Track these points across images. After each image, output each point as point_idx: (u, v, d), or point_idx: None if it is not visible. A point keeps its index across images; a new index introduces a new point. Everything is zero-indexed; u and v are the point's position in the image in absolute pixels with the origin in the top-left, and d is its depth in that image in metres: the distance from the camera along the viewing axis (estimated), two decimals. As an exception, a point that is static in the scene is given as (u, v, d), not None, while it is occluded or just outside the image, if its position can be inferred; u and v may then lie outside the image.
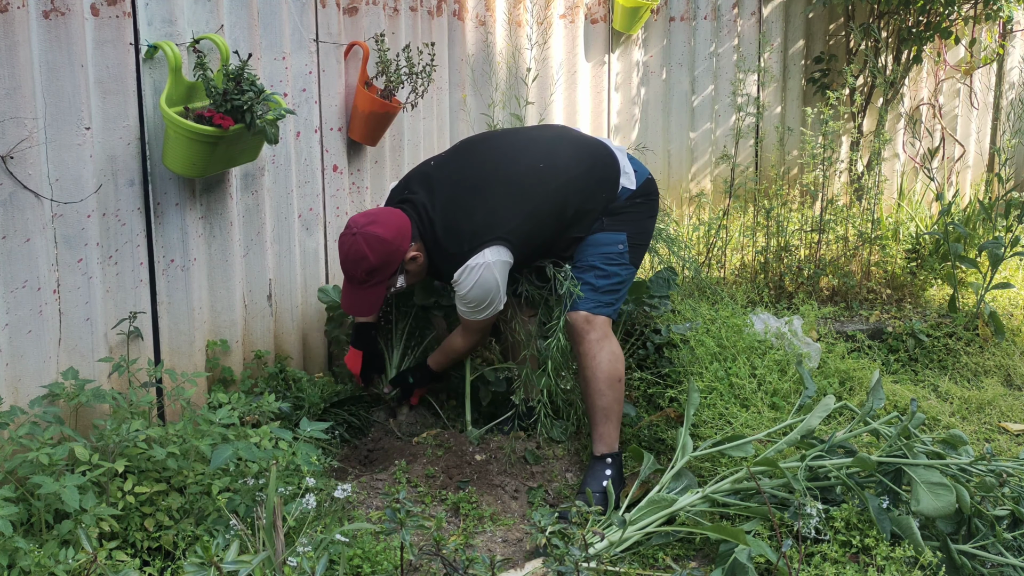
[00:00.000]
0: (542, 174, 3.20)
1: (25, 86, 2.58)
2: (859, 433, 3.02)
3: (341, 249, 3.15)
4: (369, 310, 3.21)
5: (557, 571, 2.33)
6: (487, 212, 3.14)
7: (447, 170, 3.29)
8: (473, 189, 3.19)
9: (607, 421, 3.23)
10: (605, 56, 5.59)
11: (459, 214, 3.16)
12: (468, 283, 3.13)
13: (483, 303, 3.19)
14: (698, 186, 5.96)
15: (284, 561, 2.11)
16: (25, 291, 2.66)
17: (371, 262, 3.09)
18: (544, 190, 3.18)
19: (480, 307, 3.21)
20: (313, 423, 2.84)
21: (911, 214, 5.60)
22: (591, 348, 3.22)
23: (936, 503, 2.63)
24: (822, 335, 4.30)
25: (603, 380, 3.21)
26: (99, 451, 2.58)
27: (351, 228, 3.13)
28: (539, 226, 3.19)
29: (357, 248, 3.09)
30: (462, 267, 3.12)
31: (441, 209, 3.18)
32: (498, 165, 3.25)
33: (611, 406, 3.22)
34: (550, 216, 3.20)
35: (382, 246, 3.09)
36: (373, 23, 3.91)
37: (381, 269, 3.12)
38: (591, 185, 3.26)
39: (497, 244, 3.11)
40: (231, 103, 2.93)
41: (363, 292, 3.17)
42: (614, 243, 3.28)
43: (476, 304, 3.20)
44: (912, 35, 5.68)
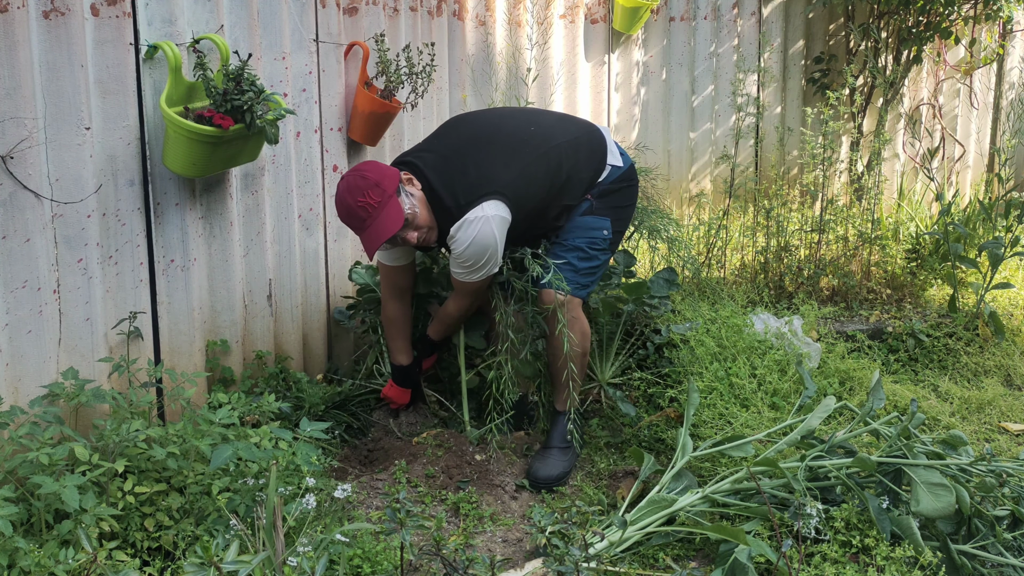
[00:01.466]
0: (532, 136, 3.28)
1: (25, 86, 2.58)
2: (859, 433, 3.02)
3: (339, 195, 3.08)
4: (393, 227, 3.05)
5: (557, 571, 2.33)
6: (481, 168, 3.15)
7: (434, 144, 3.30)
8: (464, 151, 3.20)
9: (572, 386, 3.41)
10: (605, 56, 5.59)
11: (453, 172, 3.15)
12: (466, 238, 3.10)
13: (479, 261, 3.15)
14: (698, 186, 5.95)
15: (284, 561, 2.11)
16: (25, 291, 2.66)
17: (370, 179, 3.03)
18: (535, 150, 3.23)
19: (476, 265, 3.17)
20: (313, 423, 2.84)
21: (911, 214, 5.60)
22: (563, 326, 3.33)
23: (936, 503, 2.63)
24: (822, 335, 4.30)
25: (575, 356, 3.36)
26: (99, 451, 2.58)
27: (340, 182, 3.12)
28: (532, 185, 3.19)
29: (351, 180, 3.06)
30: (460, 221, 3.09)
31: (434, 169, 3.16)
32: (487, 130, 3.31)
33: (577, 376, 3.40)
34: (543, 176, 3.21)
35: (372, 167, 3.08)
36: (373, 23, 3.91)
37: (381, 183, 3.03)
38: (581, 152, 3.32)
39: (494, 198, 3.10)
40: (231, 103, 2.93)
41: (379, 219, 3.04)
42: (600, 228, 3.36)
43: (472, 262, 3.15)
44: (912, 35, 5.68)
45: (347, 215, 3.08)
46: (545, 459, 3.35)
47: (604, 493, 3.27)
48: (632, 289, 3.84)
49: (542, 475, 3.29)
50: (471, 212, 3.08)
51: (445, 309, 3.48)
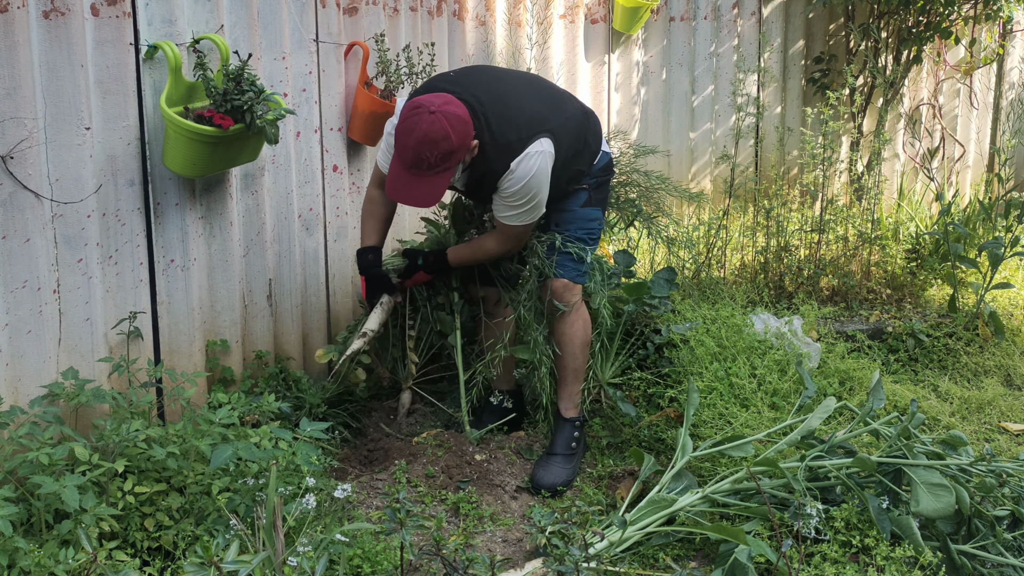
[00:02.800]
0: (564, 93, 3.34)
1: (25, 86, 2.58)
2: (859, 433, 3.02)
3: (417, 129, 2.87)
4: (431, 200, 2.97)
5: (557, 571, 2.33)
6: (534, 107, 3.13)
7: (474, 77, 3.20)
8: (515, 92, 3.17)
9: (576, 381, 3.45)
10: (605, 56, 5.59)
11: (510, 108, 3.09)
12: (526, 171, 3.04)
13: (535, 197, 3.11)
14: (698, 186, 5.95)
15: (284, 561, 2.11)
16: (25, 291, 2.66)
17: (452, 143, 2.88)
18: (571, 106, 3.27)
19: (530, 202, 3.11)
20: (313, 423, 2.84)
21: (911, 214, 5.60)
22: (569, 315, 3.38)
23: (936, 504, 2.63)
24: (822, 335, 4.30)
25: (578, 344, 3.41)
26: (99, 451, 2.58)
27: (427, 107, 2.89)
28: (567, 137, 3.19)
29: (440, 127, 2.86)
30: (521, 155, 3.03)
31: (489, 104, 3.06)
32: (525, 78, 3.33)
33: (581, 368, 3.45)
34: (574, 133, 3.22)
35: (463, 127, 2.91)
36: (373, 23, 3.91)
37: (457, 152, 2.92)
38: (591, 125, 3.34)
39: (548, 137, 3.09)
40: (231, 103, 2.93)
41: (428, 179, 2.93)
42: (596, 219, 3.43)
43: (528, 199, 3.09)
44: (912, 35, 5.68)
45: (407, 148, 2.91)
46: (548, 466, 3.34)
47: (604, 493, 3.27)
48: (632, 289, 3.84)
49: (546, 482, 3.28)
50: (531, 146, 3.04)
51: (482, 242, 3.38)
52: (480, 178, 3.15)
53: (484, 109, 3.04)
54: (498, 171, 3.07)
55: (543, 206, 3.18)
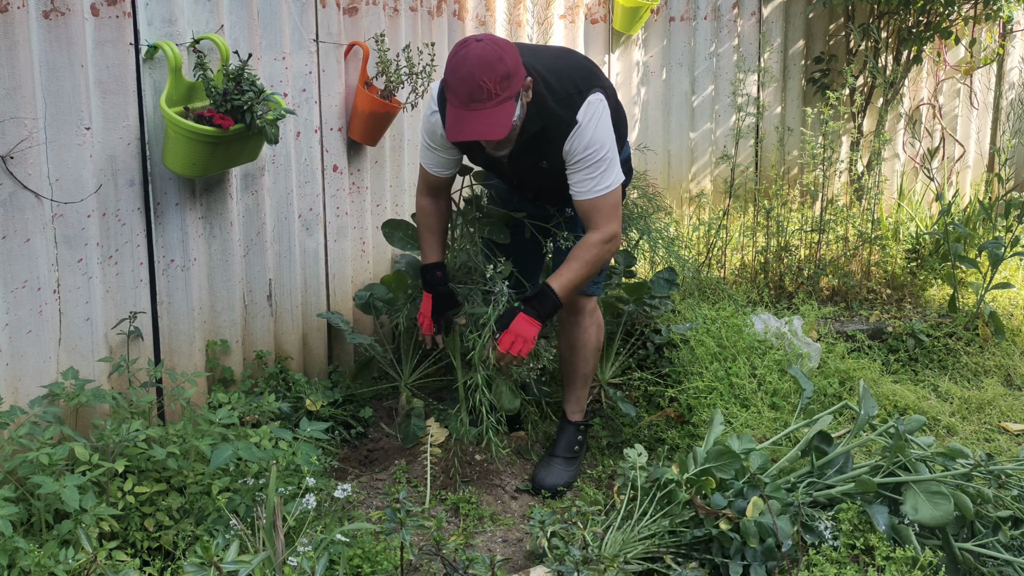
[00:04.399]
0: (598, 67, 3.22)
1: (25, 86, 2.58)
2: (857, 446, 3.02)
3: (469, 59, 2.70)
4: (503, 128, 2.75)
5: (557, 571, 2.33)
6: (581, 65, 3.07)
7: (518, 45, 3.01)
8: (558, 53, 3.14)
9: (584, 386, 3.46)
10: (605, 56, 5.59)
11: (562, 63, 3.02)
12: (595, 119, 2.89)
13: (609, 148, 2.93)
14: (698, 186, 5.95)
15: (284, 561, 2.11)
16: (25, 291, 2.66)
17: (507, 65, 2.72)
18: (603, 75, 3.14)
19: (608, 156, 2.91)
20: (313, 423, 2.84)
21: (911, 214, 5.60)
22: (584, 320, 3.37)
23: (934, 512, 2.66)
24: (822, 335, 4.30)
25: (590, 350, 3.40)
26: (99, 451, 2.58)
27: (473, 38, 2.76)
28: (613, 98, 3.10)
29: (491, 50, 2.71)
30: (584, 104, 2.89)
31: (538, 61, 2.94)
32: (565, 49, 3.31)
33: (590, 373, 3.46)
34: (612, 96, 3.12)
35: (512, 51, 2.77)
36: (373, 23, 3.90)
37: (514, 77, 2.75)
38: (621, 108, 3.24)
39: (601, 92, 2.98)
40: (231, 103, 2.93)
41: (492, 111, 2.73)
42: None
43: (605, 152, 2.91)
44: (912, 35, 5.68)
45: (462, 81, 2.72)
46: (549, 467, 3.33)
47: (604, 493, 3.27)
48: (632, 289, 3.84)
49: (547, 483, 3.27)
50: (592, 96, 2.91)
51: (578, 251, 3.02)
52: (537, 137, 2.94)
53: (535, 65, 2.92)
54: (561, 126, 2.90)
55: (619, 168, 2.97)
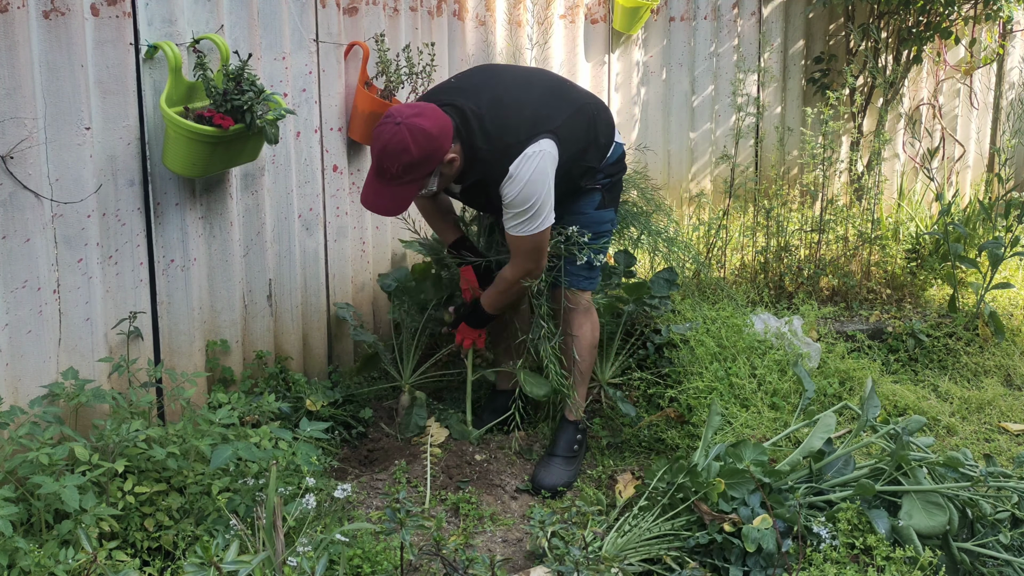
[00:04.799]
0: (569, 90, 3.28)
1: (25, 86, 2.58)
2: (858, 447, 3.02)
3: (380, 139, 2.91)
4: (395, 209, 3.02)
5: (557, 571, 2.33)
6: (537, 106, 3.10)
7: (479, 81, 3.19)
8: (517, 89, 3.15)
9: (582, 384, 3.48)
10: (605, 56, 5.59)
11: (510, 109, 3.07)
12: (525, 173, 2.99)
13: (537, 201, 3.02)
14: (698, 186, 5.95)
15: (284, 561, 2.11)
16: (25, 291, 2.66)
17: (412, 156, 2.88)
18: (574, 103, 3.19)
19: (533, 207, 3.03)
20: (313, 423, 2.84)
21: (911, 214, 5.60)
22: (579, 318, 3.40)
23: (929, 522, 2.69)
24: (822, 335, 4.30)
25: (585, 348, 3.43)
26: (99, 451, 2.58)
27: (395, 117, 2.91)
28: (574, 133, 3.14)
29: (400, 139, 2.87)
30: (519, 157, 2.99)
31: (488, 106, 3.05)
32: (530, 74, 3.32)
33: (587, 371, 3.48)
34: (581, 129, 3.17)
35: (427, 141, 2.90)
36: (373, 23, 3.91)
37: (420, 165, 2.92)
38: (601, 116, 3.29)
39: (549, 137, 3.04)
40: (231, 103, 2.93)
41: (393, 190, 2.96)
42: (608, 220, 3.40)
43: (530, 204, 3.02)
44: (912, 35, 5.68)
45: (373, 155, 2.96)
46: (549, 467, 3.34)
47: (604, 493, 3.27)
48: (632, 289, 3.84)
49: (547, 483, 3.28)
50: (530, 147, 3.00)
51: (502, 275, 3.30)
52: (478, 184, 3.11)
53: (481, 113, 3.02)
54: (497, 176, 3.02)
55: (548, 212, 3.08)
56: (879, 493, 2.80)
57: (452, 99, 3.07)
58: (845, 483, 2.91)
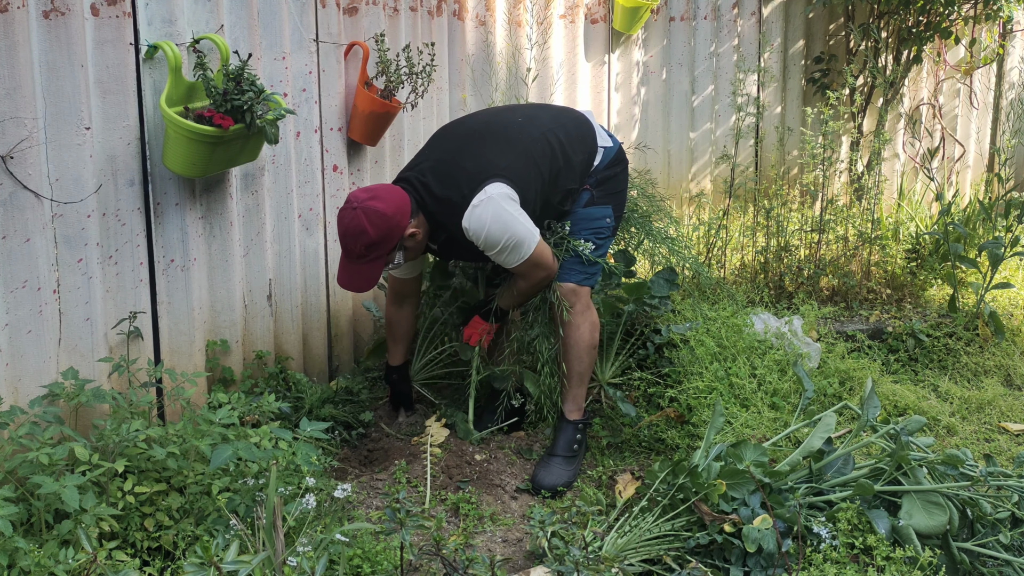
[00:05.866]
0: (522, 126, 3.32)
1: (25, 86, 2.58)
2: (858, 447, 3.02)
3: (340, 223, 3.09)
4: (366, 285, 3.17)
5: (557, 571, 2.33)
6: (479, 159, 3.18)
7: (428, 154, 3.32)
8: (458, 149, 3.24)
9: (581, 384, 3.47)
10: (605, 56, 5.59)
11: (451, 167, 3.18)
12: (480, 221, 3.08)
13: (508, 236, 3.11)
14: (698, 186, 5.95)
15: (284, 561, 2.11)
16: (25, 291, 2.66)
17: (370, 236, 3.04)
18: (528, 136, 3.26)
19: (509, 243, 3.13)
20: (313, 423, 2.84)
21: (911, 214, 5.60)
22: (576, 318, 3.39)
23: (929, 521, 2.68)
24: (822, 335, 4.30)
25: (583, 348, 3.41)
26: (99, 451, 2.58)
27: (351, 203, 3.07)
28: (532, 167, 3.20)
29: (357, 223, 3.03)
30: (468, 209, 3.09)
31: (432, 171, 3.19)
32: (477, 129, 3.36)
33: (586, 371, 3.46)
34: (541, 159, 3.23)
35: (382, 221, 3.04)
36: (373, 23, 3.91)
37: (380, 244, 3.07)
38: (571, 135, 3.35)
39: (495, 181, 3.12)
40: (231, 103, 2.93)
41: (360, 268, 3.12)
42: (603, 217, 3.41)
43: (504, 241, 3.12)
44: (912, 35, 5.68)
45: (341, 239, 3.13)
46: (549, 466, 3.34)
47: (604, 493, 3.27)
48: (632, 289, 3.84)
49: (547, 483, 3.28)
50: (475, 198, 3.09)
51: (517, 285, 3.38)
52: (449, 243, 3.27)
53: (426, 180, 3.17)
54: (457, 230, 3.14)
55: (529, 235, 3.15)
56: (879, 493, 2.81)
57: (404, 175, 3.25)
58: (845, 483, 2.91)
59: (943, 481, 2.82)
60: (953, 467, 2.81)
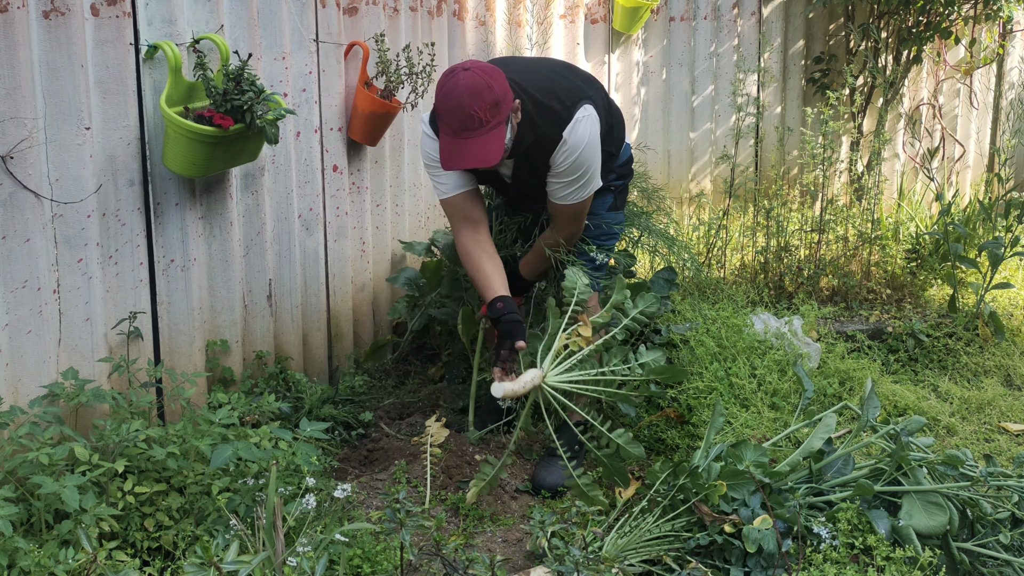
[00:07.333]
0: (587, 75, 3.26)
1: (25, 86, 2.58)
2: (859, 447, 3.03)
3: (458, 88, 2.78)
4: (492, 157, 2.83)
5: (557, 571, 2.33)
6: (569, 79, 3.11)
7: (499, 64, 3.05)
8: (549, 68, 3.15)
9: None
10: (605, 56, 5.59)
11: (547, 79, 3.07)
12: (580, 138, 2.98)
13: (591, 167, 3.03)
14: (698, 186, 5.96)
15: (284, 561, 2.11)
16: (25, 291, 2.66)
17: (496, 92, 2.81)
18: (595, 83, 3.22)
19: (586, 173, 3.03)
20: (313, 423, 2.84)
21: (911, 214, 5.60)
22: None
23: (929, 522, 2.68)
24: (822, 335, 4.30)
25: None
26: (99, 451, 2.58)
27: (461, 66, 2.83)
28: (602, 107, 3.13)
29: (480, 78, 2.78)
30: (571, 122, 2.97)
31: (524, 78, 3.01)
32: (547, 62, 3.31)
33: None
34: (603, 105, 3.17)
35: (500, 78, 2.85)
36: (373, 23, 3.91)
37: (503, 103, 2.83)
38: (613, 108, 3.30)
39: (589, 103, 3.05)
40: (231, 103, 2.93)
41: (483, 139, 2.81)
42: (617, 223, 3.43)
43: (584, 169, 3.02)
44: (912, 35, 5.68)
45: (454, 111, 2.81)
46: (550, 467, 3.34)
47: (604, 493, 3.27)
48: (632, 289, 3.84)
49: (547, 483, 3.28)
50: (578, 112, 3.00)
51: (543, 239, 3.26)
52: (530, 151, 3.05)
53: (521, 82, 2.99)
54: (549, 141, 3.00)
55: (599, 177, 3.10)
56: (879, 493, 2.80)
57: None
58: (845, 483, 2.91)
59: (943, 481, 2.82)
60: (953, 467, 2.81)
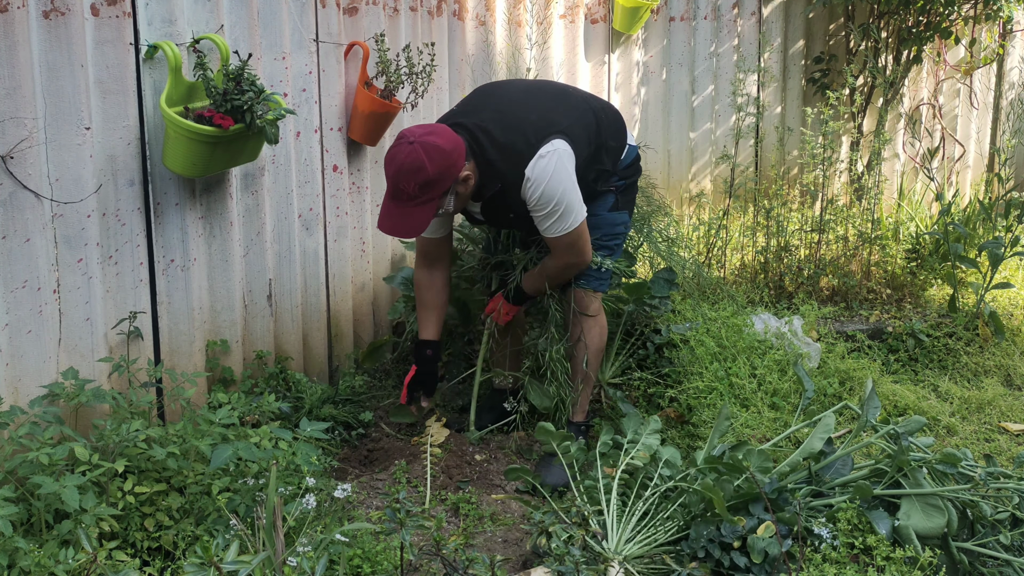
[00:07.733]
0: (572, 95, 3.32)
1: (25, 86, 2.58)
2: (857, 448, 3.03)
3: (395, 160, 2.92)
4: (414, 231, 3.01)
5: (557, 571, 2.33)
6: (542, 113, 3.13)
7: (479, 100, 3.23)
8: (520, 102, 3.18)
9: (586, 387, 3.48)
10: (605, 56, 5.59)
11: (514, 118, 3.10)
12: (544, 173, 3.02)
13: (563, 198, 3.05)
14: (698, 186, 5.95)
15: (284, 561, 2.11)
16: (25, 291, 2.66)
17: (428, 173, 2.89)
18: (582, 104, 3.26)
19: (560, 205, 3.06)
20: (313, 423, 2.84)
21: (911, 214, 5.60)
22: (588, 322, 3.40)
23: (927, 523, 2.68)
24: (822, 335, 4.30)
25: (592, 352, 3.44)
26: (99, 451, 2.58)
27: (407, 137, 2.93)
28: (582, 136, 3.17)
29: (415, 157, 2.88)
30: (534, 158, 3.02)
31: (492, 120, 3.09)
32: (530, 87, 3.36)
33: (593, 374, 3.50)
34: (589, 131, 3.20)
35: (441, 157, 2.91)
36: (373, 23, 3.91)
37: (436, 183, 2.93)
38: (610, 116, 3.35)
39: (560, 137, 3.07)
40: (231, 103, 2.93)
41: (410, 210, 2.96)
42: (621, 223, 3.43)
43: (556, 202, 3.05)
44: (912, 35, 5.68)
45: (391, 178, 2.96)
46: (551, 467, 3.33)
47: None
48: (632, 289, 3.84)
49: (548, 483, 3.27)
50: (542, 148, 3.03)
51: (545, 263, 3.32)
52: (499, 198, 3.13)
53: (487, 127, 3.06)
54: (516, 183, 3.06)
55: (578, 207, 3.11)
56: (878, 496, 2.80)
57: (456, 121, 3.11)
58: (845, 484, 2.91)
59: (943, 482, 2.82)
60: (951, 465, 2.81)
